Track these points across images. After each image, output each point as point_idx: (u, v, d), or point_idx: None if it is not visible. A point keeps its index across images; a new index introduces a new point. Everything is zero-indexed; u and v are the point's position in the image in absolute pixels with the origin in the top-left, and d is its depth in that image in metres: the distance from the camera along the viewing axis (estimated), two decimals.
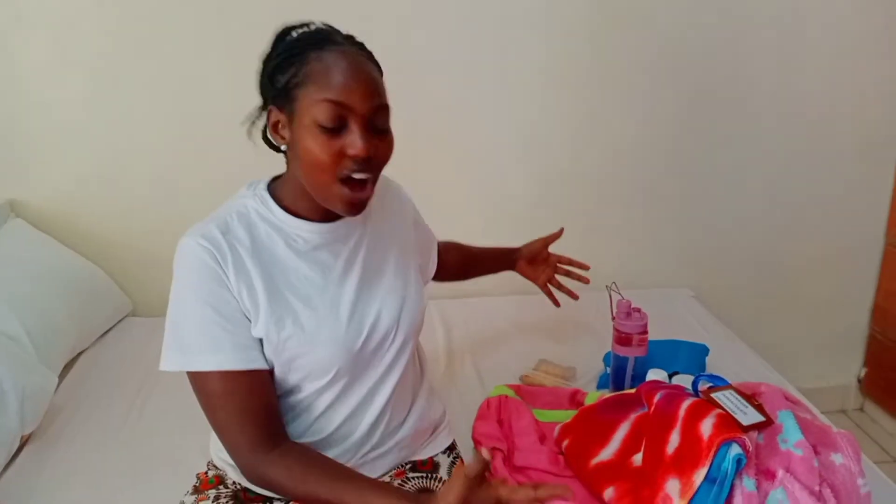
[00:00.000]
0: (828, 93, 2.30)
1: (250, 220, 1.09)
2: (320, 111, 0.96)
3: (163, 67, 2.00)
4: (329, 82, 0.96)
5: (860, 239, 2.51)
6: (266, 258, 1.07)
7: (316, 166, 0.99)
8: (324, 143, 0.97)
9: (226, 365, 1.01)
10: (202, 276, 1.02)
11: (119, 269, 2.12)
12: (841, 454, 1.22)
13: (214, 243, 1.03)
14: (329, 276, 1.11)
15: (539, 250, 1.65)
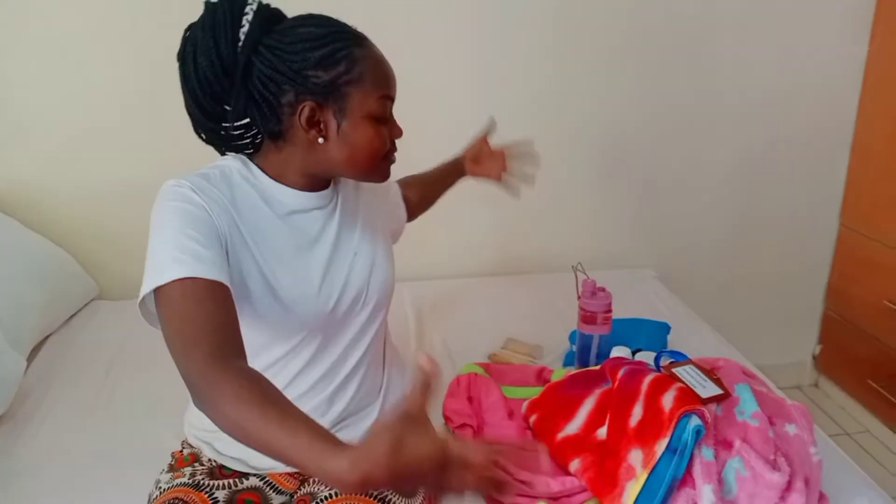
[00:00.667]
0: (785, 78, 2.36)
1: (233, 179, 1.11)
2: (379, 106, 1.07)
3: (127, 45, 1.97)
4: (383, 79, 1.08)
5: (815, 221, 2.59)
6: (245, 213, 1.08)
7: (374, 153, 1.09)
8: (381, 132, 1.09)
9: (191, 273, 0.95)
10: (182, 203, 1.01)
11: (85, 252, 2.10)
12: (795, 425, 1.28)
13: (197, 185, 1.04)
14: (303, 239, 1.14)
15: (481, 147, 1.66)
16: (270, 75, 1.03)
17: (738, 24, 2.28)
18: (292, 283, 1.11)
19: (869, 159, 2.42)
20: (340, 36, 1.05)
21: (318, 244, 1.16)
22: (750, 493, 1.17)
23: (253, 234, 1.08)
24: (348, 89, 1.04)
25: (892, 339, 2.32)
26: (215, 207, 1.03)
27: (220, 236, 1.02)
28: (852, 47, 2.37)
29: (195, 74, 1.04)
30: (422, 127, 2.16)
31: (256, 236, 1.09)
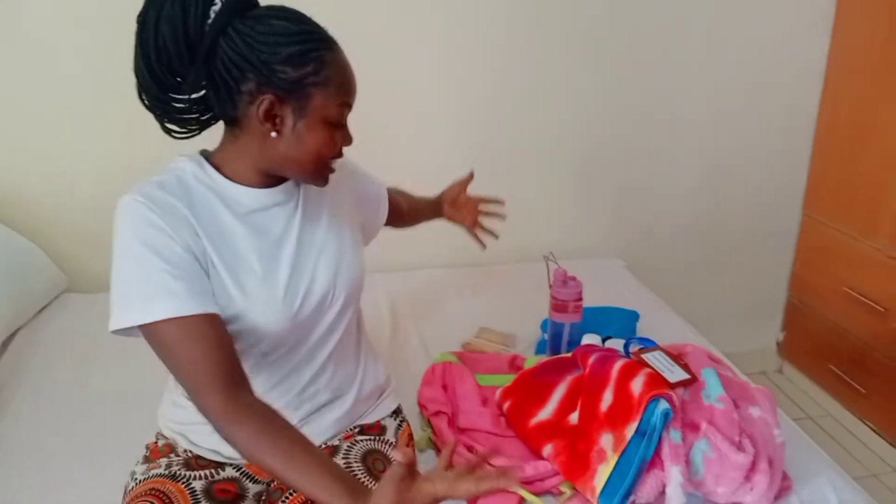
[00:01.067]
0: (749, 73, 2.41)
1: (188, 183, 1.10)
2: (338, 112, 1.07)
3: (96, 34, 1.95)
4: (346, 86, 1.08)
5: (779, 211, 2.65)
6: (205, 218, 1.08)
7: (322, 156, 1.09)
8: (335, 138, 1.09)
9: (180, 311, 0.98)
10: (143, 228, 1.01)
11: (54, 244, 2.07)
12: (759, 408, 1.32)
13: (153, 199, 1.03)
14: (267, 239, 1.13)
15: (457, 193, 1.70)
16: (237, 61, 1.01)
17: (704, 22, 2.32)
18: (258, 285, 1.10)
19: (831, 151, 2.48)
20: (314, 37, 1.04)
21: (283, 244, 1.15)
22: (716, 473, 1.21)
23: (214, 239, 1.08)
24: (312, 90, 1.04)
25: (853, 325, 2.39)
26: (175, 222, 1.03)
27: (186, 254, 1.03)
28: (814, 41, 2.43)
29: (154, 41, 1.02)
30: (393, 125, 2.20)
31: (218, 242, 1.08)
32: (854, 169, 2.36)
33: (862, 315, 2.34)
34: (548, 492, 1.29)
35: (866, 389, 2.34)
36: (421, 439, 1.41)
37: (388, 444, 1.27)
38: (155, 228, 1.01)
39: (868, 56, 2.27)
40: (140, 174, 2.07)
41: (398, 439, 1.31)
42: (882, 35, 2.21)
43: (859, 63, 2.32)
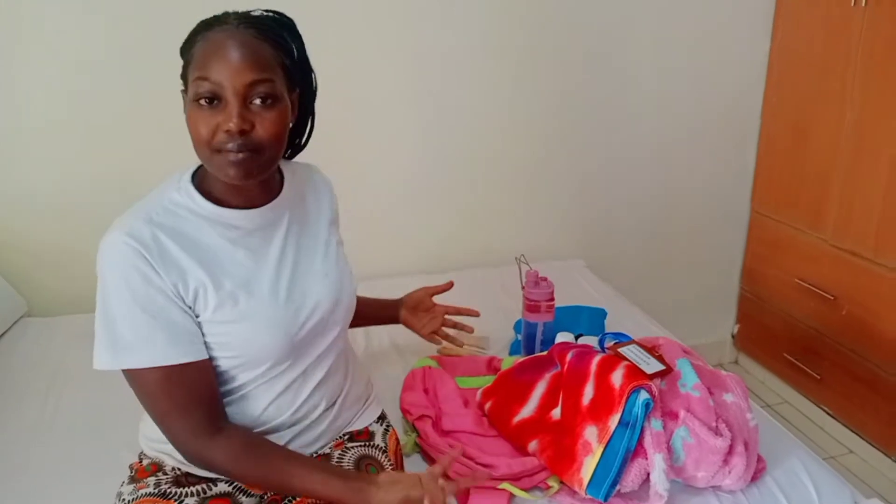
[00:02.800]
0: (694, 74, 2.51)
1: (177, 215, 1.10)
2: (197, 88, 1.01)
3: (54, 45, 1.92)
4: (205, 61, 1.01)
5: (728, 208, 2.75)
6: (199, 250, 1.08)
7: (197, 139, 1.03)
8: (201, 118, 1.02)
9: (159, 361, 1.04)
10: (128, 275, 1.03)
11: (9, 267, 2.02)
12: (731, 393, 1.38)
13: (140, 240, 1.04)
14: (264, 261, 1.14)
15: (422, 299, 1.61)
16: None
17: (649, 25, 2.40)
18: (257, 309, 1.11)
19: (775, 148, 2.59)
20: (203, 23, 1.06)
21: (281, 265, 1.16)
22: (696, 458, 1.26)
23: (210, 268, 1.08)
24: (187, 72, 1.05)
25: (804, 314, 2.49)
26: (164, 263, 1.04)
27: (171, 301, 1.05)
28: (755, 41, 2.53)
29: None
30: (357, 129, 2.21)
31: (215, 270, 1.09)
32: (798, 163, 2.47)
33: (812, 304, 2.44)
34: (536, 487, 1.32)
35: (820, 375, 2.44)
36: (406, 444, 1.42)
37: (378, 449, 1.28)
38: (140, 275, 1.03)
39: (808, 52, 2.38)
40: (99, 191, 2.06)
41: (387, 444, 1.32)
42: (821, 31, 2.32)
43: (800, 59, 2.43)
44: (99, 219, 1.19)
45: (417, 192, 2.33)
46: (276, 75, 1.05)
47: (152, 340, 1.03)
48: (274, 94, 1.05)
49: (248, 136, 1.02)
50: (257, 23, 1.06)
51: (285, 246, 1.17)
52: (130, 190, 1.75)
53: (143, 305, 1.03)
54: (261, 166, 1.06)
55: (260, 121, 1.03)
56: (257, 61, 1.03)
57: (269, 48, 1.05)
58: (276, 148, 1.08)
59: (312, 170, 1.33)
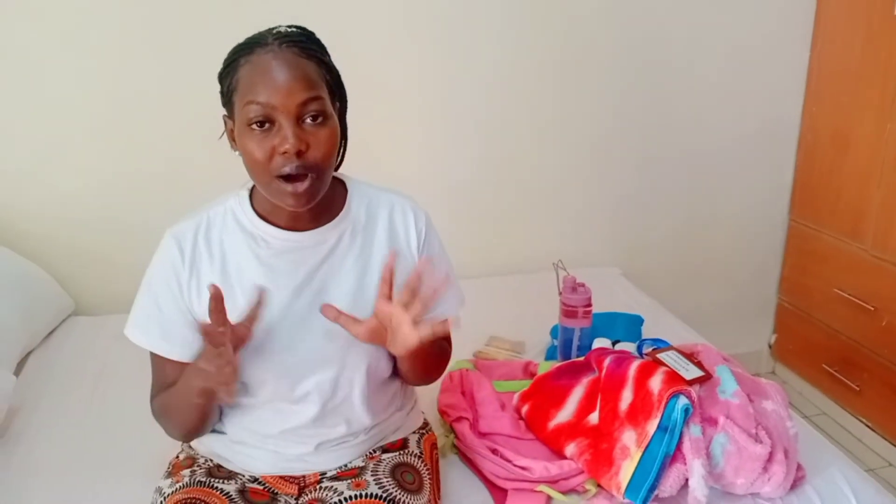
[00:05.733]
0: (734, 81, 2.49)
1: (225, 223, 1.15)
2: (249, 113, 1.01)
3: (90, 56, 1.98)
4: (254, 85, 1.01)
5: (767, 217, 2.72)
6: (226, 263, 1.14)
7: (254, 166, 1.04)
8: (257, 142, 1.02)
9: (149, 346, 1.15)
10: (160, 270, 1.15)
11: (58, 268, 2.08)
12: (771, 401, 1.37)
13: (179, 243, 1.14)
14: (284, 285, 1.13)
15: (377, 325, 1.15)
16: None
17: (688, 30, 2.40)
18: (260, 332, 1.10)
19: (814, 156, 2.56)
20: (238, 47, 1.07)
21: (301, 293, 1.13)
22: (735, 465, 1.26)
23: (231, 283, 1.13)
24: (234, 98, 1.05)
25: (843, 325, 2.46)
26: (193, 270, 1.13)
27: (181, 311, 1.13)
28: (795, 48, 2.51)
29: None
30: (403, 131, 2.24)
31: (234, 285, 1.13)
32: (837, 173, 2.44)
33: (851, 314, 2.41)
34: (573, 490, 1.33)
35: (859, 387, 2.40)
36: (444, 445, 1.43)
37: (413, 455, 1.27)
38: (165, 272, 1.14)
39: (848, 61, 2.36)
40: (142, 194, 2.12)
41: (422, 449, 1.31)
42: (861, 40, 2.29)
43: (840, 68, 2.41)
44: (142, 221, 1.24)
45: (455, 198, 2.35)
46: (323, 92, 1.06)
47: (150, 328, 1.15)
48: (324, 112, 1.05)
49: (305, 157, 1.03)
50: (297, 41, 1.06)
51: (314, 274, 1.15)
52: (172, 194, 1.81)
53: (155, 297, 1.14)
54: (319, 190, 1.07)
55: (314, 140, 1.04)
56: (306, 80, 1.03)
57: (314, 65, 1.06)
58: (330, 167, 1.08)
59: (399, 204, 1.24)
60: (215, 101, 1.12)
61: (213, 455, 1.25)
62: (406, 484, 1.19)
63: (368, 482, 1.16)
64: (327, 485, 1.20)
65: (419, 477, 1.22)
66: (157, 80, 2.02)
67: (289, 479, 1.22)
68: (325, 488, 1.19)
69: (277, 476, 1.22)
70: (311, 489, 1.21)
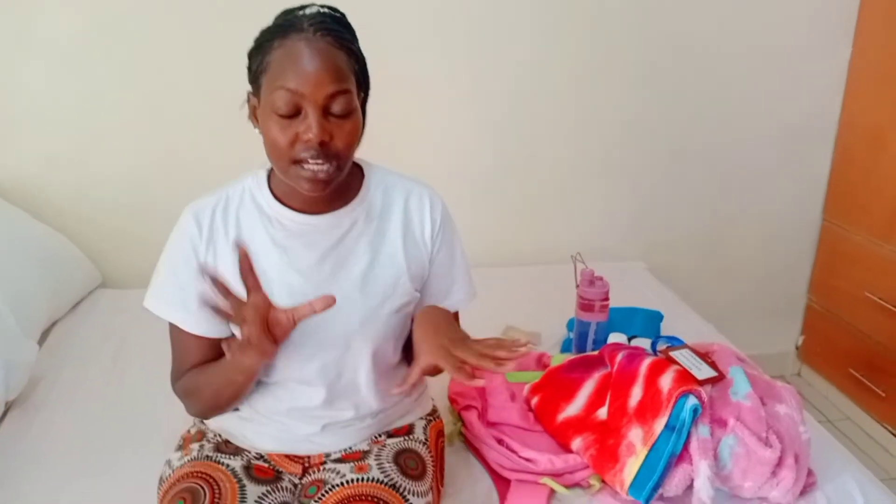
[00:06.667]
0: (771, 75, 2.43)
1: (243, 202, 1.17)
2: (276, 98, 1.01)
3: (129, 44, 2.01)
4: (284, 71, 1.01)
5: (799, 216, 2.66)
6: (241, 239, 1.15)
7: (274, 149, 1.05)
8: (281, 127, 1.03)
9: (166, 315, 1.17)
10: (177, 241, 1.17)
11: (87, 241, 2.13)
12: (784, 405, 1.35)
13: (198, 219, 1.15)
14: (295, 266, 1.15)
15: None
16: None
17: (726, 26, 2.34)
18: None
19: (851, 156, 2.50)
20: (272, 28, 1.06)
21: (312, 274, 1.15)
22: (744, 468, 1.24)
23: (254, 258, 1.10)
24: (262, 79, 1.05)
25: (873, 329, 2.40)
26: (210, 245, 1.15)
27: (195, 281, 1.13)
28: (836, 46, 2.45)
29: None
30: (425, 120, 2.24)
31: (259, 261, 1.11)
32: (874, 173, 2.38)
33: (882, 319, 2.35)
34: (577, 484, 1.32)
35: (886, 393, 2.35)
36: (452, 433, 1.44)
37: (418, 441, 1.27)
38: (183, 245, 1.15)
39: (889, 62, 2.29)
40: (169, 173, 2.16)
41: (428, 436, 1.31)
42: None
43: (880, 69, 2.34)
44: (167, 196, 1.26)
45: (478, 187, 2.35)
46: (351, 85, 1.06)
47: (168, 297, 1.17)
48: (351, 105, 1.05)
49: (327, 147, 1.03)
50: (332, 30, 1.06)
51: (327, 257, 1.16)
52: (197, 171, 1.84)
53: (174, 269, 1.17)
54: (336, 177, 1.08)
55: (338, 132, 1.04)
56: (336, 72, 1.03)
57: (345, 56, 1.06)
58: (350, 157, 1.09)
59: (416, 192, 1.24)
60: (241, 89, 1.13)
61: (222, 430, 1.27)
62: (408, 470, 1.19)
63: (371, 466, 1.17)
64: (331, 466, 1.21)
65: (422, 463, 1.23)
66: (186, 69, 2.05)
67: (294, 458, 1.23)
68: (328, 470, 1.20)
69: (283, 455, 1.23)
70: (314, 469, 1.23)
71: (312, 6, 1.08)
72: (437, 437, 1.34)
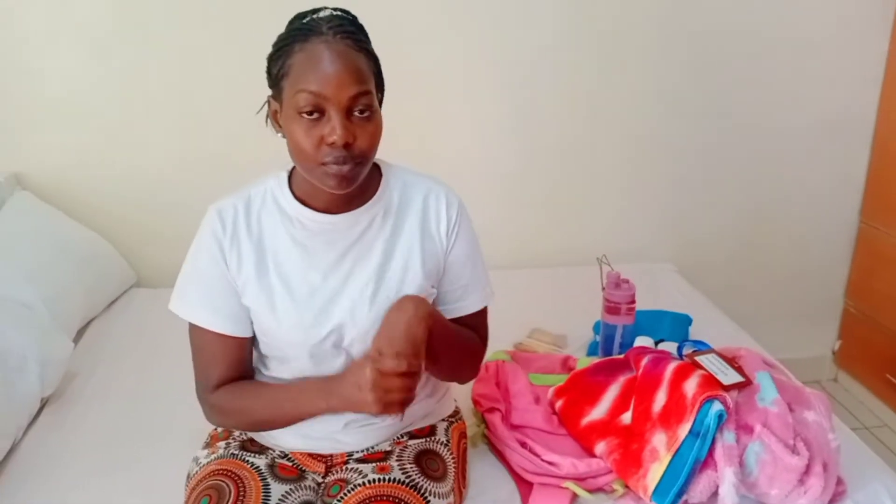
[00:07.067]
0: (806, 73, 2.39)
1: (265, 202, 1.19)
2: (299, 100, 1.03)
3: (163, 38, 2.05)
4: (307, 73, 1.03)
5: (835, 217, 2.61)
6: (262, 240, 1.17)
7: (300, 152, 1.07)
8: (305, 130, 1.04)
9: (194, 318, 1.18)
10: (202, 241, 1.18)
11: (122, 240, 2.18)
12: (813, 411, 1.32)
13: (222, 218, 1.17)
14: (315, 265, 1.17)
15: None
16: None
17: (760, 23, 2.31)
18: (289, 309, 1.15)
19: (889, 156, 2.44)
20: (291, 32, 1.07)
21: (331, 274, 1.17)
22: (770, 475, 1.22)
23: (264, 260, 1.17)
24: (283, 83, 1.06)
25: None
26: (233, 244, 1.16)
27: (223, 280, 1.16)
28: (873, 43, 2.39)
29: None
30: (448, 118, 2.24)
31: (268, 261, 1.17)
32: None
33: None
34: (600, 489, 1.32)
35: None
36: (475, 435, 1.44)
37: (440, 443, 1.29)
38: (209, 245, 1.17)
39: None
40: (203, 171, 2.19)
41: (450, 438, 1.32)
42: None
43: None
44: (200, 196, 1.28)
45: (502, 187, 2.34)
46: (372, 86, 1.08)
47: (194, 298, 1.18)
48: (372, 106, 1.07)
49: (352, 148, 1.05)
50: (350, 33, 1.07)
51: (345, 255, 1.18)
52: (227, 172, 1.87)
53: (199, 269, 1.18)
54: (360, 175, 1.10)
55: (361, 132, 1.06)
56: (358, 73, 1.05)
57: (364, 58, 1.08)
58: (372, 157, 1.11)
59: (434, 190, 1.26)
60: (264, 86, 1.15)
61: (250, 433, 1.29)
62: (430, 471, 1.20)
63: (392, 467, 1.18)
64: (353, 466, 1.22)
65: (444, 465, 1.24)
66: (221, 66, 2.08)
67: (317, 457, 1.25)
68: (350, 469, 1.22)
69: (306, 453, 1.25)
70: (337, 469, 1.24)
71: (325, 9, 1.09)
72: (459, 438, 1.35)
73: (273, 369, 1.23)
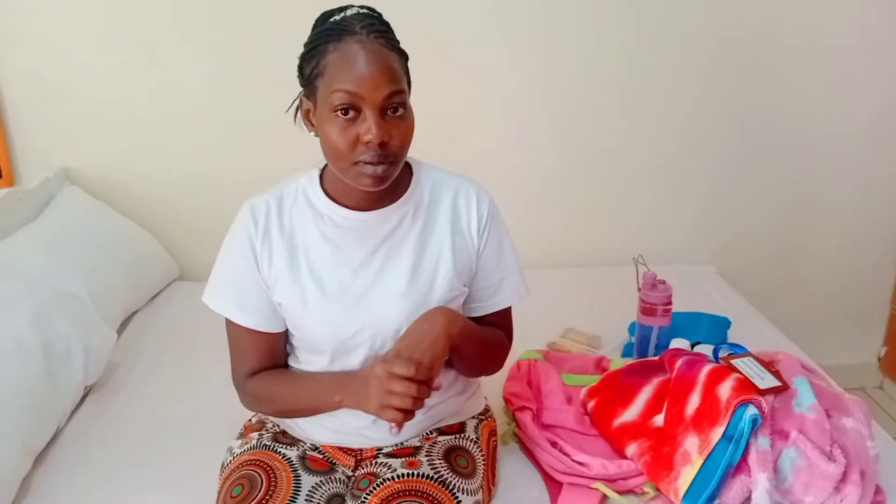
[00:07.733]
0: (848, 76, 2.33)
1: (297, 199, 1.21)
2: (335, 100, 1.04)
3: (210, 39, 2.09)
4: (342, 73, 1.04)
5: (882, 220, 2.53)
6: (294, 237, 1.19)
7: (335, 151, 1.08)
8: (340, 130, 1.05)
9: (225, 313, 1.22)
10: (235, 237, 1.21)
11: (166, 235, 2.23)
12: (852, 418, 1.29)
13: (254, 215, 1.20)
14: (346, 261, 1.19)
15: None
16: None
17: (797, 18, 2.25)
18: (319, 304, 1.17)
19: None
20: (324, 32, 1.08)
21: (361, 270, 1.18)
22: (805, 482, 1.20)
23: (296, 256, 1.19)
24: (317, 82, 1.07)
25: None
26: (265, 240, 1.19)
27: (254, 278, 1.19)
28: None
29: None
30: (485, 122, 2.24)
31: (300, 258, 1.19)
32: None
33: None
34: (630, 491, 1.31)
35: None
36: (506, 433, 1.44)
37: (469, 440, 1.29)
38: (241, 241, 1.19)
39: None
40: (245, 170, 2.23)
41: (479, 435, 1.32)
42: None
43: None
44: (241, 192, 1.30)
45: (540, 186, 2.33)
46: (405, 85, 1.09)
47: (225, 294, 1.22)
48: (405, 104, 1.09)
49: (387, 147, 1.06)
50: (382, 32, 1.09)
51: (375, 252, 1.19)
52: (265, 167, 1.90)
53: (231, 265, 1.21)
54: (393, 174, 1.11)
55: (395, 131, 1.07)
56: (391, 72, 1.06)
57: (397, 57, 1.09)
58: (405, 155, 1.13)
59: (464, 188, 1.26)
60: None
61: (280, 421, 1.32)
62: (459, 468, 1.21)
63: (421, 462, 1.19)
64: (382, 460, 1.23)
65: (473, 462, 1.24)
66: (262, 69, 2.11)
67: (347, 450, 1.27)
68: (380, 463, 1.23)
69: (336, 447, 1.27)
70: (367, 463, 1.25)
71: (351, 7, 1.10)
72: (488, 436, 1.35)
73: (304, 361, 1.26)
